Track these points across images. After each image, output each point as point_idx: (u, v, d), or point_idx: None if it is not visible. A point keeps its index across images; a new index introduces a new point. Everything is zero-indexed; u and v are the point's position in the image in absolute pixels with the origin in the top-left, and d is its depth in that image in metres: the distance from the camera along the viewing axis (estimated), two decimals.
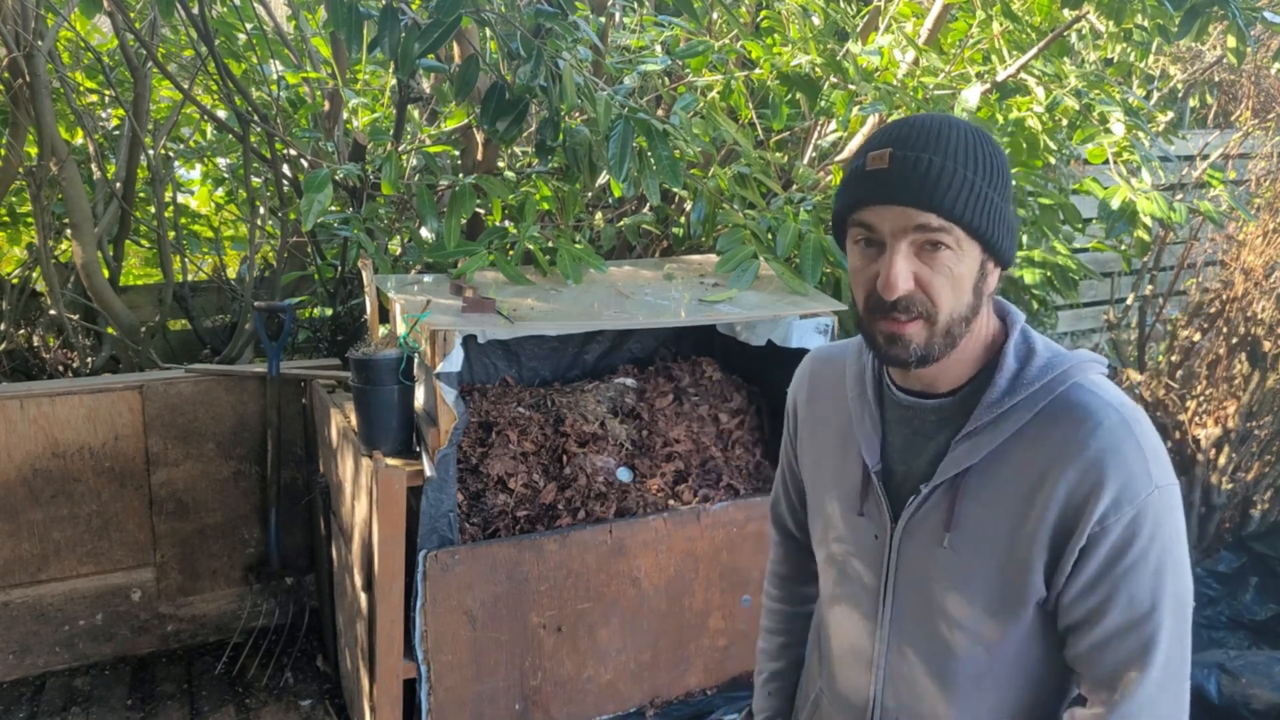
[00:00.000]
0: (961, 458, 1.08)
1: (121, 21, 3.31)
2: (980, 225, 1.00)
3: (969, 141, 1.01)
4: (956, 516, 1.09)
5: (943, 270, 1.01)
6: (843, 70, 2.88)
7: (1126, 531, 1.01)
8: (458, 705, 2.26)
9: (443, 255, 2.62)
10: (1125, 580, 1.02)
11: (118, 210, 3.73)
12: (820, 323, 2.53)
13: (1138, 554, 1.02)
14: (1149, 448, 1.03)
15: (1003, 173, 1.03)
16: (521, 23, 2.44)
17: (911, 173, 0.99)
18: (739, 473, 2.57)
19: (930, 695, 1.16)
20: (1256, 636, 3.25)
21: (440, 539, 2.17)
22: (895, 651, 1.18)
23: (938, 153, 0.99)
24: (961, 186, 0.99)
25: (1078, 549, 1.03)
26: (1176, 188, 4.60)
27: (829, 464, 1.25)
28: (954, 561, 1.10)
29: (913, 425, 1.15)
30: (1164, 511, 1.03)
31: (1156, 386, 3.64)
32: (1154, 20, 2.82)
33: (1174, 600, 1.03)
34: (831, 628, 1.29)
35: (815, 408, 1.29)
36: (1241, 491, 3.57)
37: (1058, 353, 1.10)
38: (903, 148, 1.00)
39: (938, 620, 1.13)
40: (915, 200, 0.99)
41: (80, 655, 2.97)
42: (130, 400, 2.87)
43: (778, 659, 1.48)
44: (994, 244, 1.03)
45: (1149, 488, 1.02)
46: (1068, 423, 1.04)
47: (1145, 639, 1.03)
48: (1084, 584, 1.04)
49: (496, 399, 2.56)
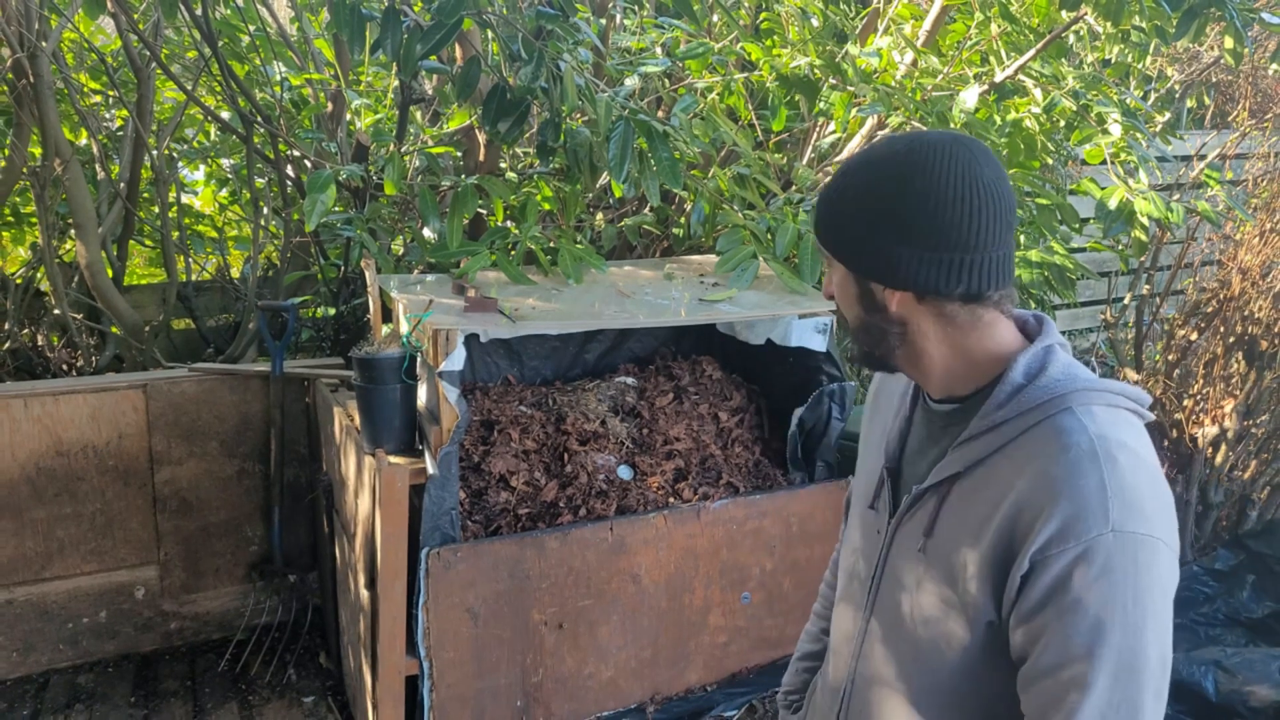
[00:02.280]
0: (952, 463, 1.09)
1: (125, 22, 3.32)
2: (837, 250, 1.13)
3: (872, 180, 1.09)
4: (935, 523, 1.11)
5: (831, 282, 1.18)
6: (841, 72, 2.90)
7: (1067, 568, 0.95)
8: (460, 702, 2.28)
9: (445, 255, 2.64)
10: (1060, 619, 0.96)
11: (122, 210, 3.74)
12: (819, 322, 2.55)
13: (1076, 594, 0.95)
14: (1116, 487, 0.96)
15: (888, 208, 1.07)
16: (523, 25, 2.46)
17: (819, 205, 1.18)
18: (739, 471, 2.58)
19: (891, 697, 1.18)
20: (1253, 634, 3.26)
21: (442, 536, 2.18)
22: (868, 646, 1.22)
23: (834, 189, 1.13)
24: (832, 218, 1.13)
25: (1020, 575, 0.99)
26: (1174, 188, 4.61)
27: (865, 460, 1.31)
28: (923, 568, 1.12)
29: (928, 429, 1.19)
30: (1120, 560, 0.94)
31: (1154, 386, 3.66)
32: (1151, 21, 2.84)
33: (1118, 659, 0.94)
34: (835, 614, 1.35)
35: (877, 405, 1.35)
36: (1238, 490, 3.59)
37: (1073, 376, 1.06)
38: (826, 188, 1.17)
39: (905, 624, 1.15)
40: (817, 230, 1.18)
41: (84, 653, 2.99)
42: (134, 399, 2.89)
43: (815, 641, 1.53)
44: (856, 267, 1.12)
45: (1102, 528, 0.94)
46: (1041, 445, 1.02)
47: (1072, 685, 0.96)
48: (1023, 613, 1.00)
49: (498, 398, 2.57)
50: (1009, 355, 1.10)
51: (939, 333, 1.11)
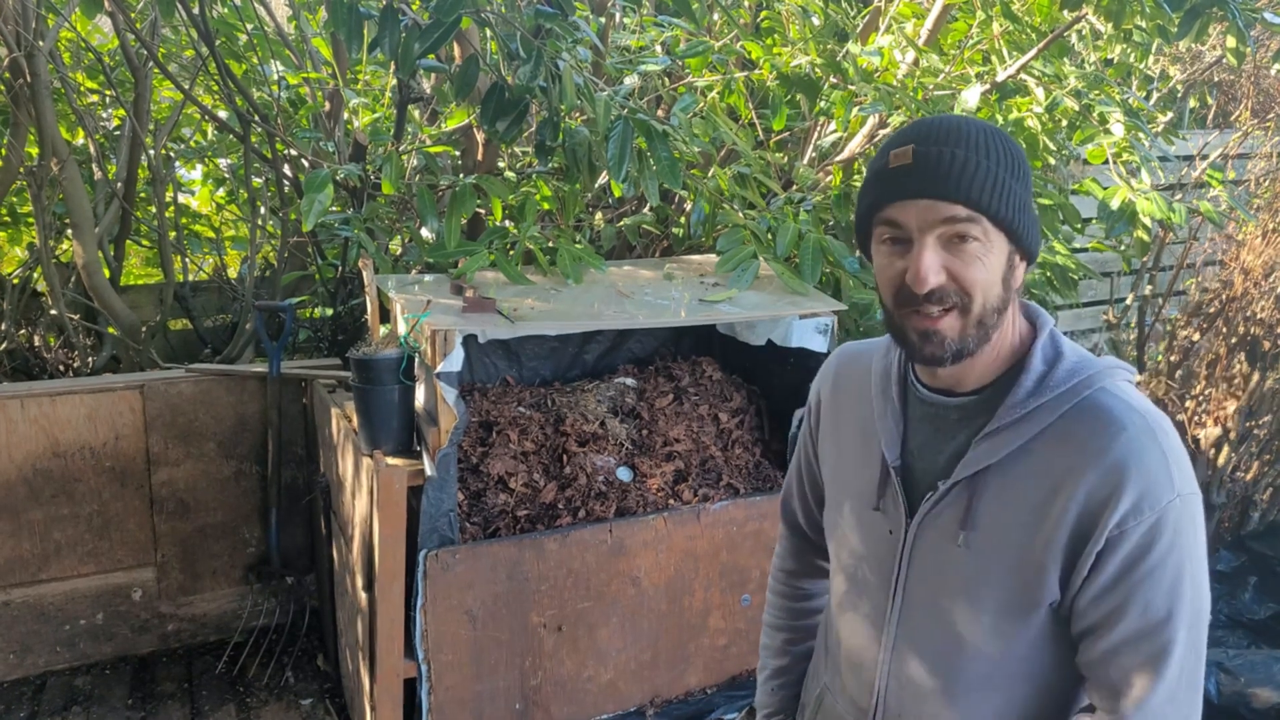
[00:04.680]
0: (982, 456, 1.08)
1: (122, 22, 3.31)
2: (1005, 215, 1.01)
3: (988, 136, 1.03)
4: (973, 515, 1.09)
5: (973, 261, 1.02)
6: (842, 71, 2.88)
7: (1145, 537, 1.00)
8: (458, 704, 2.27)
9: (443, 255, 2.62)
10: (1141, 587, 1.01)
11: (119, 210, 3.73)
12: (820, 322, 2.54)
13: (1155, 561, 1.01)
14: (1173, 455, 1.02)
15: (1023, 166, 1.05)
16: (521, 23, 2.45)
17: (936, 166, 1.00)
18: (739, 472, 2.57)
19: (934, 695, 1.15)
20: (1256, 635, 3.25)
21: (441, 538, 2.17)
22: (901, 649, 1.18)
23: (960, 146, 1.01)
24: (985, 178, 1.00)
25: (1095, 552, 1.02)
26: (1176, 188, 4.60)
27: (849, 459, 1.26)
28: (968, 560, 1.10)
29: (935, 423, 1.15)
30: (1185, 520, 1.01)
31: (1156, 386, 3.64)
32: (1153, 21, 2.82)
33: (1191, 611, 1.02)
34: (840, 623, 1.29)
35: (839, 403, 1.30)
36: (1241, 491, 3.57)
37: (1085, 358, 1.10)
38: (925, 144, 1.02)
39: (946, 619, 1.13)
40: (942, 192, 1.00)
41: (81, 655, 2.98)
42: (131, 400, 2.88)
43: (781, 655, 1.48)
44: (1020, 235, 1.04)
45: (1171, 494, 1.01)
46: (1091, 426, 1.04)
47: (1158, 648, 1.01)
48: (1099, 588, 1.03)
49: (497, 398, 2.56)
50: (1021, 343, 1.12)
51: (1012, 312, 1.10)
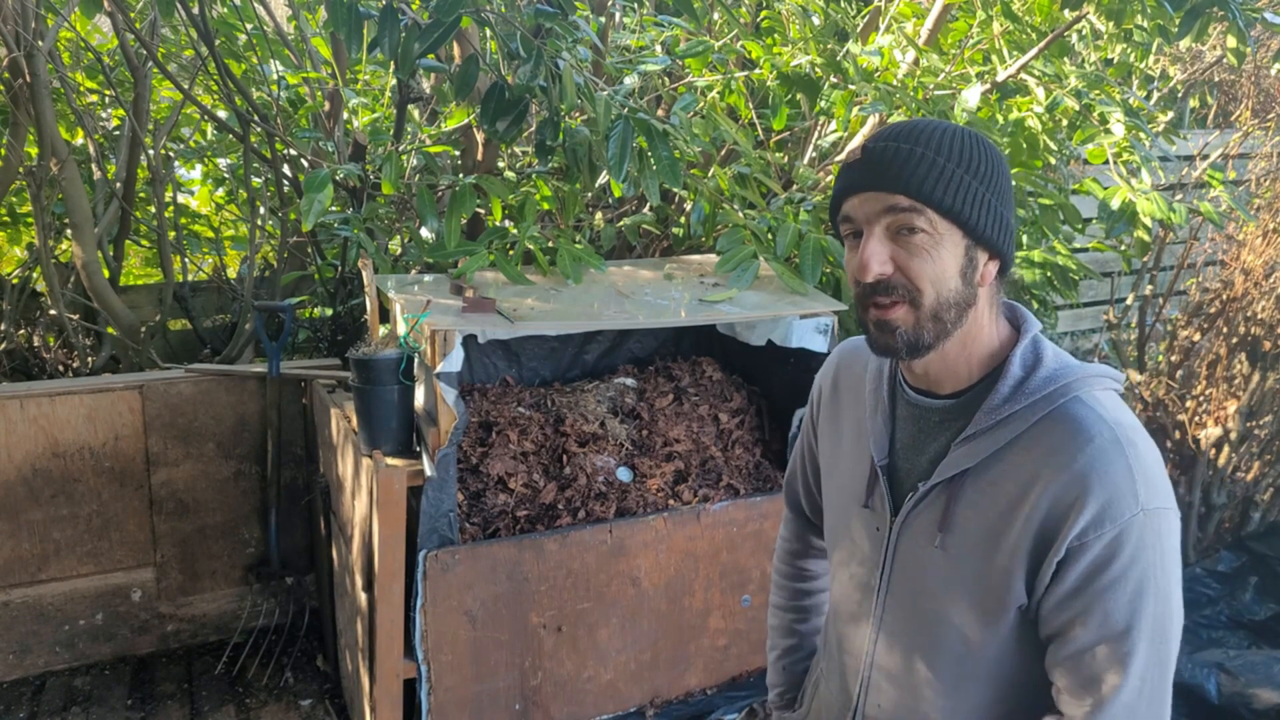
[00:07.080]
0: (959, 460, 1.10)
1: (122, 21, 3.31)
2: (955, 208, 1.02)
3: (953, 137, 1.04)
4: (950, 518, 1.11)
5: (919, 253, 1.03)
6: (843, 70, 2.88)
7: (1106, 550, 1.01)
8: (458, 705, 2.26)
9: (443, 255, 2.62)
10: (1101, 598, 1.02)
11: (118, 210, 3.73)
12: (820, 322, 2.53)
13: (1116, 574, 1.01)
14: (1140, 469, 1.02)
15: (994, 169, 1.05)
16: (521, 23, 2.44)
17: (880, 159, 1.03)
18: (739, 472, 2.57)
19: (913, 688, 1.19)
20: (1256, 636, 3.25)
21: (440, 539, 2.17)
22: (885, 641, 1.21)
23: (911, 142, 1.03)
24: (930, 170, 1.01)
25: (1055, 562, 1.03)
26: (1176, 188, 4.60)
27: (844, 455, 1.28)
28: (943, 562, 1.12)
29: (919, 424, 1.17)
30: (1149, 535, 1.02)
31: (1156, 386, 3.64)
32: (1154, 21, 2.82)
33: (1154, 626, 1.03)
34: (834, 612, 1.33)
35: (839, 396, 1.32)
36: (1241, 491, 3.57)
37: (1066, 364, 1.10)
38: (878, 140, 1.05)
39: (925, 617, 1.16)
40: (883, 183, 1.03)
41: (80, 655, 2.97)
42: (130, 400, 2.87)
43: (788, 635, 1.51)
44: (978, 231, 1.04)
45: (1134, 509, 1.01)
46: (1060, 436, 1.04)
47: (1117, 659, 1.03)
48: (1060, 597, 1.04)
49: (496, 399, 2.56)
50: (1001, 348, 1.12)
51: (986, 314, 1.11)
